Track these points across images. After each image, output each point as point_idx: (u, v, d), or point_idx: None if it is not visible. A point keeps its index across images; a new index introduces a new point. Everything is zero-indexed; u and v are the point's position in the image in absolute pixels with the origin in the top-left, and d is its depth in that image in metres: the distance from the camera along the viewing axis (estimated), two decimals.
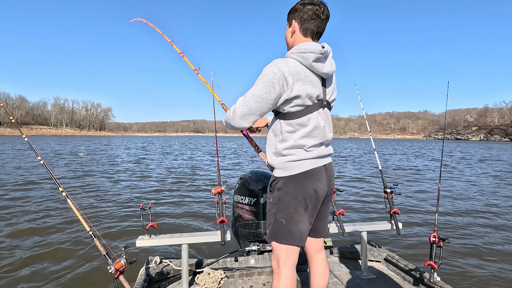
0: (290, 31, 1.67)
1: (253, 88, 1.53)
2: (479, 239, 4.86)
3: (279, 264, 1.61)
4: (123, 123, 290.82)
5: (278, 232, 1.60)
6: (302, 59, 1.53)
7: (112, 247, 4.32)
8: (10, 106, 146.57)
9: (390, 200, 2.67)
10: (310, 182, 1.59)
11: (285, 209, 1.59)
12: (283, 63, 1.51)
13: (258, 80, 1.53)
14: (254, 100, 1.52)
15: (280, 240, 1.60)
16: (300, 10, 1.61)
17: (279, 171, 1.62)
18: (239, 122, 1.58)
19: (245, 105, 1.54)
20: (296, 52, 1.55)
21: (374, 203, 7.17)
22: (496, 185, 10.29)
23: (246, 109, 1.54)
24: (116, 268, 2.04)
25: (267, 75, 1.50)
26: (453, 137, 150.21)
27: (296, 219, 1.58)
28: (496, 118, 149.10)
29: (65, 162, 16.73)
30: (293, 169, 1.58)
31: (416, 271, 2.48)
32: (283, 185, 1.59)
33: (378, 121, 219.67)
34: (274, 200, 1.62)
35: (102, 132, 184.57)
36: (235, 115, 1.57)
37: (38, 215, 6.00)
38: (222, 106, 2.35)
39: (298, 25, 1.62)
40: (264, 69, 1.54)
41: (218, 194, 2.26)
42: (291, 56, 1.56)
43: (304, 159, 1.59)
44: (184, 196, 8.14)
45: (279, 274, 1.60)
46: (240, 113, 1.55)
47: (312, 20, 1.60)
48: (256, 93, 1.51)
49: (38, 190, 8.52)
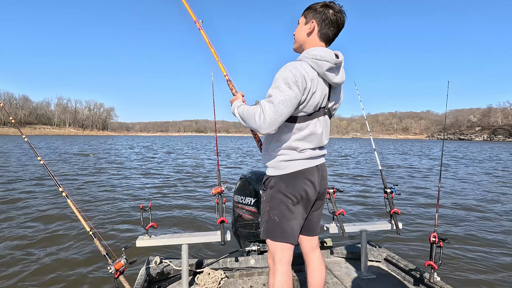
0: (306, 29, 1.64)
1: (279, 93, 1.46)
2: (479, 239, 4.84)
3: (274, 261, 1.64)
4: (125, 123, 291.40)
5: (272, 229, 1.64)
6: (316, 66, 1.53)
7: (112, 247, 4.34)
8: (13, 106, 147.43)
9: (390, 200, 2.66)
10: (302, 181, 1.62)
11: (277, 206, 1.63)
12: (302, 67, 1.49)
13: (281, 84, 1.47)
14: (284, 106, 1.45)
15: (273, 237, 1.64)
16: (323, 13, 1.58)
17: (271, 170, 1.66)
18: (268, 129, 1.47)
19: (276, 112, 1.44)
20: (311, 57, 1.53)
21: (374, 203, 7.15)
22: (496, 185, 10.25)
23: (277, 116, 1.45)
24: (116, 268, 2.04)
25: (290, 78, 1.46)
26: (456, 137, 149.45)
27: (288, 217, 1.62)
28: (500, 118, 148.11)
29: (67, 162, 16.80)
30: (285, 168, 1.62)
31: (416, 271, 2.48)
32: (275, 184, 1.63)
33: (380, 121, 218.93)
34: (267, 198, 1.66)
35: (104, 132, 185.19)
36: (264, 123, 1.45)
37: (38, 215, 6.03)
38: (228, 84, 2.11)
39: (318, 27, 1.60)
40: (283, 73, 1.49)
41: (218, 194, 2.27)
42: (305, 61, 1.54)
43: (296, 159, 1.62)
44: (184, 196, 8.15)
45: (274, 271, 1.63)
46: (271, 120, 1.45)
47: (332, 28, 1.60)
48: (285, 97, 1.45)
49: (38, 190, 8.56)
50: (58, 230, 5.17)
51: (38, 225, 5.38)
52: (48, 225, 5.39)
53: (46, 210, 6.38)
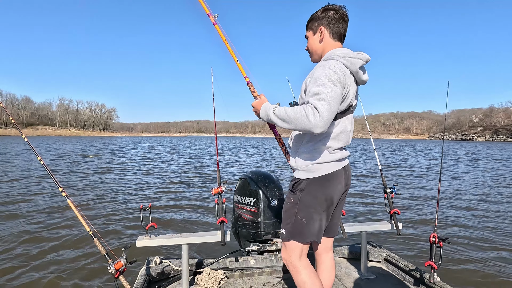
0: (317, 38, 1.69)
1: (328, 90, 1.42)
2: (480, 239, 4.83)
3: (294, 259, 1.67)
4: (127, 124, 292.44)
5: (298, 231, 1.66)
6: (350, 64, 1.55)
7: (112, 247, 4.34)
8: (16, 107, 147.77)
9: (390, 200, 2.66)
10: (332, 184, 1.64)
11: (305, 209, 1.64)
12: (339, 65, 1.51)
13: (326, 82, 1.44)
14: (335, 102, 1.42)
15: (299, 238, 1.66)
16: (326, 16, 1.64)
17: (302, 173, 1.65)
18: (324, 127, 1.40)
19: (330, 109, 1.40)
20: (343, 56, 1.55)
21: (374, 203, 7.15)
22: (497, 185, 10.22)
23: (331, 113, 1.41)
24: (116, 268, 2.04)
25: (333, 76, 1.46)
26: (458, 138, 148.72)
27: (316, 219, 1.65)
28: (502, 118, 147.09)
29: (68, 162, 16.83)
30: (317, 171, 1.62)
31: (416, 271, 2.47)
32: (306, 186, 1.63)
33: (382, 121, 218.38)
34: (296, 201, 1.66)
35: (106, 133, 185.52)
36: (321, 121, 1.37)
37: (38, 215, 6.05)
38: (249, 87, 1.91)
39: (327, 30, 1.65)
40: (324, 71, 1.48)
41: (218, 194, 2.27)
42: (338, 59, 1.54)
43: (328, 161, 1.63)
44: (184, 196, 8.16)
45: (297, 268, 1.66)
46: (327, 117, 1.39)
47: (340, 23, 1.64)
48: (335, 94, 1.43)
49: (38, 190, 8.58)
50: (58, 230, 5.18)
51: (38, 225, 5.39)
52: (48, 225, 5.41)
53: (46, 210, 6.40)
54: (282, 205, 2.89)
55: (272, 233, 2.84)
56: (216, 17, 1.97)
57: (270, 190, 2.90)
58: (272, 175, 3.12)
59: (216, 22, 1.96)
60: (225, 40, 1.95)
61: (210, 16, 1.96)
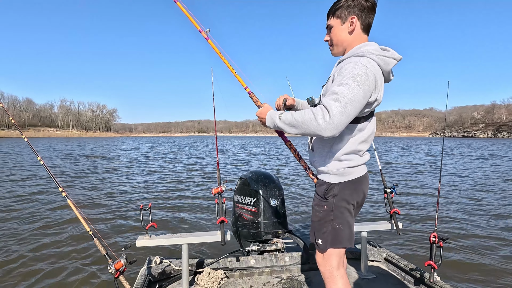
0: (346, 29, 1.52)
1: (348, 91, 1.32)
2: (480, 239, 4.81)
3: (333, 269, 1.61)
4: (128, 124, 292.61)
5: (337, 237, 1.58)
6: (384, 63, 1.44)
7: (112, 247, 4.35)
8: (17, 109, 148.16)
9: (390, 200, 2.66)
10: (363, 187, 1.63)
11: (341, 215, 1.58)
12: (371, 64, 1.39)
13: (349, 81, 1.33)
14: (352, 106, 1.31)
15: (338, 244, 1.60)
16: (358, 4, 1.47)
17: (334, 177, 1.58)
18: (333, 131, 1.31)
19: (343, 112, 1.30)
20: (377, 54, 1.43)
21: (374, 203, 7.13)
22: (497, 185, 10.19)
23: (345, 117, 1.31)
24: (116, 268, 2.05)
25: (360, 76, 1.34)
26: (460, 135, 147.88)
27: (351, 222, 1.62)
28: (504, 114, 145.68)
29: (68, 163, 16.87)
30: (350, 175, 1.57)
31: (416, 271, 2.47)
32: (339, 191, 1.57)
33: (383, 119, 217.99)
34: (330, 207, 1.58)
35: (107, 133, 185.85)
36: (331, 124, 1.29)
37: (37, 215, 6.06)
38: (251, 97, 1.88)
39: (359, 21, 1.50)
40: (353, 68, 1.36)
41: (218, 194, 2.27)
42: (371, 57, 1.41)
43: (360, 164, 1.61)
44: (184, 196, 8.16)
45: (334, 277, 1.60)
46: (338, 121, 1.30)
47: (371, 14, 1.51)
48: (354, 97, 1.31)
49: (38, 190, 8.60)
50: (58, 230, 5.19)
51: (38, 225, 5.40)
52: (48, 225, 5.42)
53: (46, 210, 6.41)
54: (282, 205, 2.93)
55: (272, 233, 2.84)
56: (208, 32, 1.95)
57: (270, 190, 2.91)
58: (272, 175, 3.13)
59: (208, 37, 1.94)
60: (220, 54, 1.93)
61: (202, 32, 1.95)
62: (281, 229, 2.87)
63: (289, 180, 10.94)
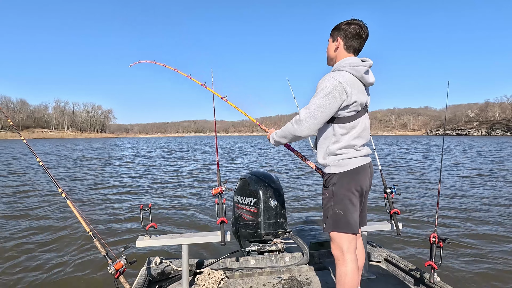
0: (333, 46, 1.91)
1: (317, 100, 1.72)
2: (480, 239, 4.83)
3: (343, 252, 1.81)
4: (124, 125, 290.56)
5: (338, 222, 1.82)
6: (355, 71, 1.78)
7: (112, 247, 4.32)
8: (11, 110, 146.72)
9: (390, 200, 2.66)
10: (361, 177, 1.84)
11: (340, 201, 1.82)
12: (340, 76, 1.74)
13: (319, 93, 1.73)
14: (319, 111, 1.72)
15: (340, 229, 1.82)
16: (345, 29, 1.84)
17: (333, 168, 1.85)
18: (305, 132, 1.77)
19: (311, 116, 1.73)
20: (347, 65, 1.78)
21: (374, 203, 7.15)
22: (497, 184, 10.26)
23: (312, 120, 1.73)
24: (116, 268, 2.04)
25: (328, 87, 1.71)
26: (455, 133, 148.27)
27: (351, 209, 1.82)
28: (498, 112, 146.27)
29: (67, 163, 16.76)
30: (346, 166, 1.82)
31: (416, 271, 2.48)
32: (338, 180, 1.82)
33: (379, 118, 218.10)
34: (330, 195, 1.85)
35: (103, 134, 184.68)
36: (301, 126, 1.76)
37: (37, 215, 6.03)
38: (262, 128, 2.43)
39: (343, 42, 1.86)
40: (322, 82, 1.75)
41: (218, 194, 2.27)
42: (343, 69, 1.78)
43: (356, 157, 1.84)
44: (184, 196, 8.15)
45: (344, 260, 1.79)
46: (308, 124, 1.74)
47: (355, 39, 1.84)
48: (321, 104, 1.71)
49: (38, 191, 8.54)
50: (57, 230, 5.16)
51: (38, 226, 5.37)
52: (48, 226, 5.39)
53: (45, 211, 6.37)
54: (282, 205, 2.93)
55: (272, 233, 2.84)
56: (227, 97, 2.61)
57: (270, 190, 2.91)
58: (272, 175, 3.12)
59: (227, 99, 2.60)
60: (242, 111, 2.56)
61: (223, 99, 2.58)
62: (281, 229, 2.87)
63: (289, 180, 10.95)
